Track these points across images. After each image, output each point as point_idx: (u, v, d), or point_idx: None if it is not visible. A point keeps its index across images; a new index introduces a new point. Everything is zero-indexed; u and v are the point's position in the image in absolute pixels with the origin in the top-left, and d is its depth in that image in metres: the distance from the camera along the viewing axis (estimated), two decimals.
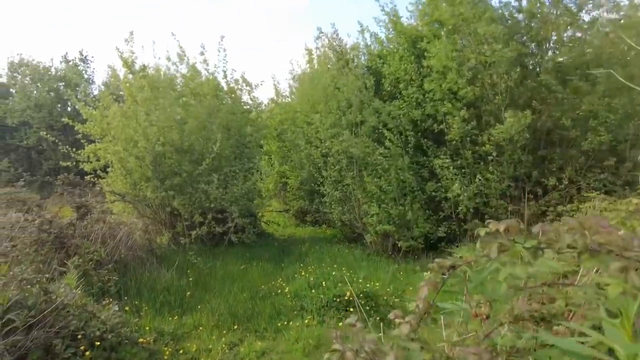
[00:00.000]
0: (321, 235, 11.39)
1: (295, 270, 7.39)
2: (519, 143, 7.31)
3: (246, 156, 9.62)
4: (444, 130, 8.21)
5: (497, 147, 7.63)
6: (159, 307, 5.41)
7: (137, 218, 8.17)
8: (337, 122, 8.30)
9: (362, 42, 10.62)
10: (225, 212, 8.76)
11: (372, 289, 5.82)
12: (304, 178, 10.51)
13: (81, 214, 6.83)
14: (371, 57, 10.23)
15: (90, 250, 5.84)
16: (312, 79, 10.03)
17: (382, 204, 7.95)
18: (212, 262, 7.65)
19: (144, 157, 8.09)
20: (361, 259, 8.37)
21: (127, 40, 8.88)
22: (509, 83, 7.24)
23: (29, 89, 25.09)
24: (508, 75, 7.22)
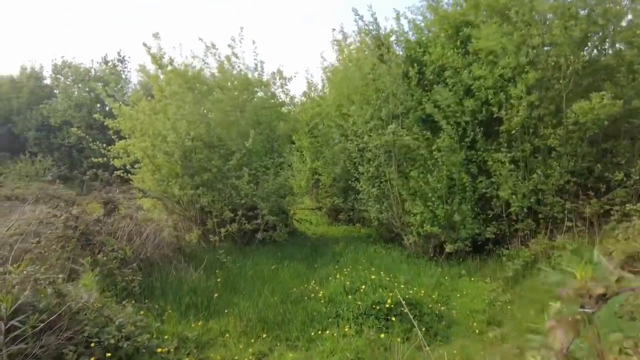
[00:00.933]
0: (355, 235, 10.83)
1: (329, 272, 6.88)
2: (589, 132, 6.46)
3: (277, 151, 9.20)
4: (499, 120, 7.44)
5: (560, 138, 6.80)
6: (184, 310, 5.05)
7: (166, 215, 7.92)
8: (376, 113, 7.69)
9: (399, 29, 9.95)
10: (257, 209, 8.39)
11: (415, 295, 5.23)
12: (337, 174, 9.98)
13: (108, 210, 6.62)
14: (408, 45, 9.54)
15: (115, 248, 5.57)
16: (347, 69, 9.46)
17: (429, 203, 7.28)
18: (242, 261, 7.27)
19: (173, 152, 7.82)
20: (400, 261, 7.75)
21: (155, 36, 8.68)
22: (575, 66, 6.39)
23: (71, 90, 25.95)
24: (575, 57, 6.37)
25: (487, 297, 5.89)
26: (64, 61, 27.93)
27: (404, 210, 8.01)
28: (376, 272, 6.46)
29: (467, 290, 6.17)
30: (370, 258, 7.90)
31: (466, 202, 7.33)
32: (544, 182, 7.14)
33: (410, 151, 7.57)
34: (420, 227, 7.41)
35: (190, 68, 8.95)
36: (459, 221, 7.20)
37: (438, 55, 8.30)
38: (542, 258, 6.75)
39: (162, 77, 8.89)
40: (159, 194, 8.19)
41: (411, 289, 5.66)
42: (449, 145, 7.18)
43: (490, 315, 5.36)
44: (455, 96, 7.73)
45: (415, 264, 7.63)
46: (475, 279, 6.75)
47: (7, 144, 25.73)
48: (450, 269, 7.30)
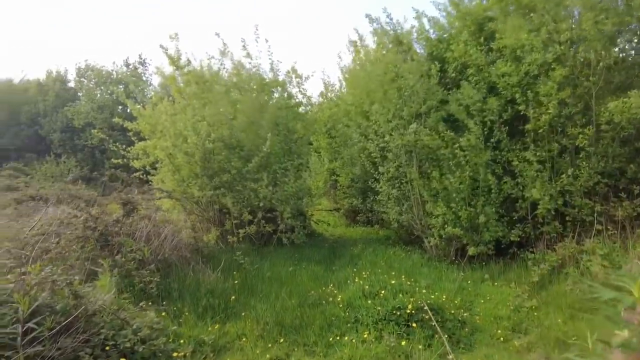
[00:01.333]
0: (374, 237, 10.66)
1: (348, 275, 6.75)
2: (623, 132, 6.16)
3: (296, 152, 9.12)
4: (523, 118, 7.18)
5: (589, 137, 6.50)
6: (201, 312, 5.00)
7: (184, 216, 7.94)
8: (398, 112, 7.52)
9: (420, 27, 9.75)
10: (275, 211, 8.33)
11: (437, 300, 5.05)
12: (356, 175, 9.84)
13: (127, 210, 6.66)
14: (429, 43, 9.33)
15: (133, 249, 5.57)
16: (365, 68, 9.31)
17: (452, 204, 7.07)
18: (259, 263, 7.21)
19: (194, 153, 7.83)
20: (420, 264, 7.56)
21: (172, 37, 8.73)
22: (606, 62, 6.09)
23: (93, 92, 26.55)
24: (606, 53, 6.08)
25: (512, 302, 5.65)
26: (87, 64, 28.60)
27: (425, 212, 7.81)
28: (396, 275, 6.31)
29: (491, 296, 5.95)
30: (389, 261, 7.74)
31: (491, 204, 7.09)
32: (572, 183, 6.85)
33: (432, 151, 7.37)
34: (441, 230, 7.19)
35: (207, 69, 8.97)
36: (483, 223, 6.96)
37: (461, 52, 8.07)
38: (570, 263, 6.46)
39: (179, 78, 8.93)
40: (179, 195, 8.22)
41: (433, 294, 5.48)
42: (475, 145, 6.94)
43: (515, 322, 5.14)
44: (479, 94, 7.49)
45: (436, 268, 7.42)
46: (498, 283, 6.51)
47: (34, 146, 26.51)
48: (472, 273, 7.07)
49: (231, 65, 9.18)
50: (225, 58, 9.11)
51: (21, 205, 9.07)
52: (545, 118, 6.80)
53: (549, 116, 6.73)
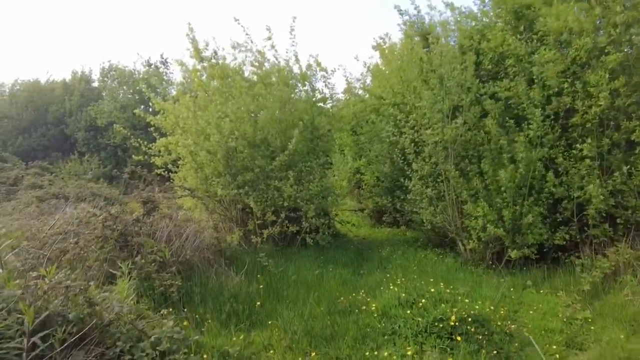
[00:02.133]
0: (400, 238, 10.19)
1: (378, 280, 6.33)
2: None
3: (321, 150, 8.73)
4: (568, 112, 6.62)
5: None
6: (224, 319, 4.66)
7: (206, 215, 7.65)
8: (436, 106, 7.01)
9: (454, 18, 9.23)
10: (299, 211, 7.97)
11: (481, 311, 4.57)
12: (385, 173, 9.36)
13: (147, 209, 6.39)
14: (462, 34, 8.80)
15: (154, 250, 5.29)
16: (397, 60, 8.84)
17: (497, 200, 6.54)
18: (284, 265, 6.86)
19: (216, 151, 7.52)
20: (455, 269, 7.07)
21: (192, 29, 8.45)
22: None
23: (116, 92, 26.84)
24: None
25: (562, 313, 5.13)
26: (110, 64, 28.95)
27: (461, 213, 7.30)
28: (433, 282, 5.85)
29: (537, 305, 5.42)
30: (421, 265, 7.28)
31: (539, 204, 6.54)
32: (625, 182, 6.24)
33: (473, 147, 6.88)
34: (481, 232, 6.67)
35: (231, 62, 8.66)
36: (527, 224, 6.42)
37: (498, 42, 7.52)
38: (626, 270, 5.87)
39: (203, 72, 8.64)
40: (201, 193, 7.94)
41: (474, 303, 5.00)
42: (532, 139, 6.41)
43: (568, 336, 4.62)
44: (519, 86, 6.95)
45: (472, 273, 6.92)
46: (543, 291, 5.97)
47: (60, 145, 26.98)
48: (512, 279, 6.54)
49: (253, 58, 8.82)
50: (248, 51, 8.76)
51: (44, 203, 8.97)
52: (594, 110, 6.22)
53: (599, 108, 6.14)
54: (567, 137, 6.93)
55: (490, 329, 4.40)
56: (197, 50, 8.38)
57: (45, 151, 26.78)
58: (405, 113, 7.91)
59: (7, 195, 12.73)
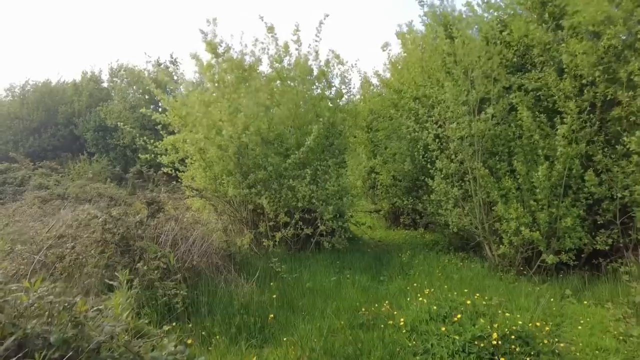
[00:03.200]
0: (419, 241, 9.63)
1: (401, 288, 5.81)
2: None
3: (337, 147, 8.21)
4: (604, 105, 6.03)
5: None
6: (234, 334, 4.18)
7: (215, 216, 7.19)
8: (461, 98, 6.44)
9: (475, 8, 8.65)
10: (314, 212, 7.47)
11: (524, 326, 4.02)
12: (404, 171, 8.80)
13: (152, 211, 5.95)
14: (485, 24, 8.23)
15: (157, 256, 4.83)
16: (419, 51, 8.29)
17: (531, 201, 5.96)
18: (297, 271, 6.38)
19: (228, 147, 7.04)
20: (483, 276, 6.50)
21: (210, 22, 7.98)
22: None
23: (126, 92, 26.67)
24: None
25: (614, 329, 4.56)
26: (119, 64, 28.80)
27: (490, 215, 6.73)
28: (460, 290, 5.32)
29: (583, 318, 4.84)
30: (445, 271, 6.73)
31: (577, 205, 5.95)
32: None
33: (502, 142, 6.31)
34: (513, 236, 6.09)
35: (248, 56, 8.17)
36: (565, 227, 5.84)
37: (521, 32, 6.93)
38: None
39: (217, 67, 8.17)
40: (210, 193, 7.48)
41: (513, 315, 4.44)
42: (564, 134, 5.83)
43: (626, 357, 4.05)
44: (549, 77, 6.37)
45: (502, 280, 6.36)
46: (587, 302, 5.38)
47: (70, 145, 26.90)
48: (549, 287, 5.95)
49: (274, 51, 8.28)
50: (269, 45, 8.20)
51: (47, 205, 8.60)
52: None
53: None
54: (606, 132, 6.34)
55: (536, 348, 3.85)
56: (211, 44, 7.90)
57: (55, 151, 26.72)
58: (428, 107, 7.36)
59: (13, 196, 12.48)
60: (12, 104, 27.75)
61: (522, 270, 6.59)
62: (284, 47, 7.89)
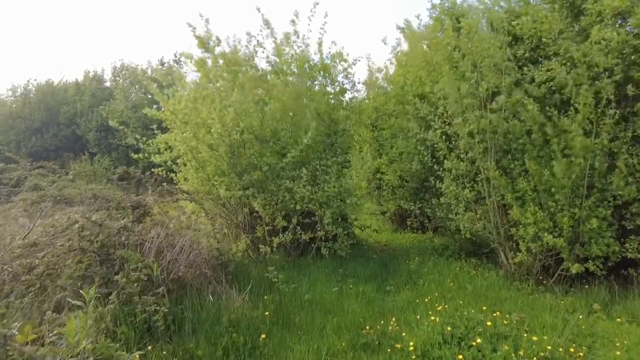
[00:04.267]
0: (427, 245, 9.08)
1: (410, 300, 5.29)
2: None
3: (339, 146, 7.69)
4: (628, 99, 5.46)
5: None
6: (220, 357, 3.69)
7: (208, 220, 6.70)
8: (470, 89, 5.89)
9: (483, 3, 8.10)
10: (313, 216, 6.97)
11: (553, 352, 3.48)
12: (411, 172, 8.26)
13: (137, 215, 5.49)
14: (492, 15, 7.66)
15: (138, 267, 4.35)
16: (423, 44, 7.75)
17: (550, 203, 5.39)
18: (296, 280, 5.88)
19: (218, 145, 6.58)
20: (499, 286, 5.95)
21: (201, 16, 7.52)
22: None
23: (128, 91, 26.35)
24: None
25: None
26: (122, 64, 28.52)
27: (504, 219, 6.18)
28: (477, 304, 4.78)
29: (618, 339, 4.28)
30: (457, 280, 6.19)
31: (604, 205, 5.38)
32: None
33: (514, 139, 5.75)
34: (532, 242, 5.53)
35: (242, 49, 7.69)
36: (590, 231, 5.27)
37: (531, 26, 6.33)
38: None
39: (209, 62, 7.71)
40: (203, 195, 7.01)
41: (537, 335, 3.90)
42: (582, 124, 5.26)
43: None
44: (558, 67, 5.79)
45: (520, 291, 5.80)
46: (620, 318, 4.81)
47: (72, 145, 26.66)
48: (573, 300, 5.38)
49: (272, 45, 7.76)
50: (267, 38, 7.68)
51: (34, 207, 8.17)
52: None
53: None
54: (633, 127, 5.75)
55: None
56: (201, 38, 7.43)
57: (57, 151, 26.52)
58: (432, 103, 6.79)
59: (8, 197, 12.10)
60: (14, 103, 27.55)
61: (541, 280, 6.03)
62: (285, 37, 7.37)
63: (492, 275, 6.39)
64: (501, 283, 6.06)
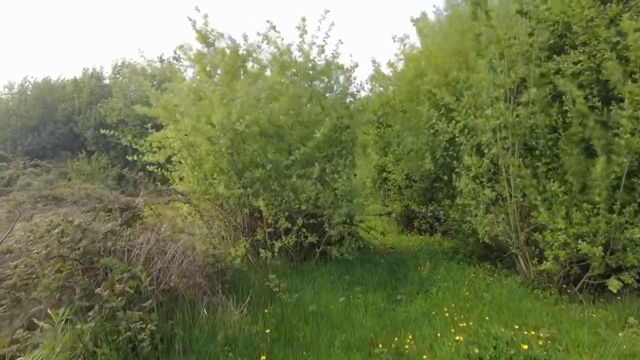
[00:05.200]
0: (436, 248, 8.62)
1: (424, 311, 4.83)
2: None
3: (345, 145, 7.22)
4: None
5: None
6: None
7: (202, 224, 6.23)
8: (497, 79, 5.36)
9: None
10: (320, 217, 6.50)
11: None
12: (422, 171, 7.76)
13: (126, 218, 5.03)
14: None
15: (124, 277, 3.89)
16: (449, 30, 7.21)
17: (584, 205, 4.89)
18: (299, 288, 5.44)
19: (219, 138, 6.08)
20: (518, 295, 5.48)
21: (198, 9, 7.06)
22: None
23: (127, 89, 25.89)
24: None
25: None
26: (123, 61, 28.08)
27: (526, 222, 5.70)
28: (500, 316, 4.32)
29: None
30: (473, 288, 5.73)
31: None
32: None
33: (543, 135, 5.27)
34: (560, 249, 5.03)
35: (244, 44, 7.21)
36: (627, 240, 4.79)
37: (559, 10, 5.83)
38: None
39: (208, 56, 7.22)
40: (199, 196, 6.54)
41: (571, 356, 3.44)
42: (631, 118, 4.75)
43: None
44: None
45: (542, 301, 5.32)
46: None
47: (70, 143, 26.20)
48: (602, 312, 4.91)
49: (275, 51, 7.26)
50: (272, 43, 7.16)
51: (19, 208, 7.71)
52: None
53: None
54: None
55: None
56: (202, 32, 6.95)
57: (54, 150, 26.05)
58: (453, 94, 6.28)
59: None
60: (11, 101, 27.11)
61: (565, 289, 5.56)
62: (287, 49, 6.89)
63: (510, 282, 5.92)
64: (521, 291, 5.59)
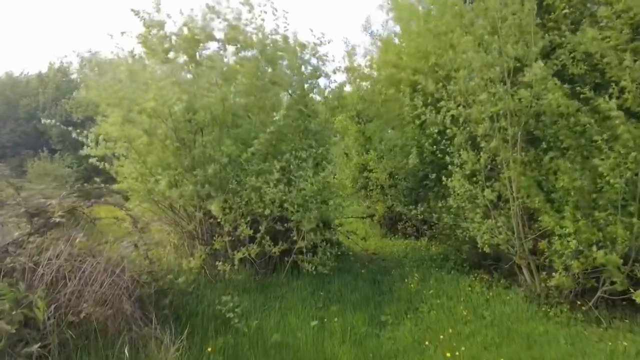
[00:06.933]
0: (423, 254, 7.72)
1: (414, 339, 3.92)
2: None
3: (314, 136, 6.24)
4: None
5: None
6: None
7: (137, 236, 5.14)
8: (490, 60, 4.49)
9: None
10: (288, 222, 5.51)
11: None
12: (407, 168, 6.85)
13: (37, 226, 3.94)
14: None
15: (8, 307, 2.83)
16: None
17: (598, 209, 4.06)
18: (262, 310, 4.45)
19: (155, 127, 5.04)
20: (524, 314, 4.61)
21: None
22: None
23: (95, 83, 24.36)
24: None
25: None
26: (91, 54, 26.49)
27: (529, 227, 4.84)
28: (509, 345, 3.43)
29: None
30: (472, 305, 4.85)
31: None
32: None
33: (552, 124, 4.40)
34: (572, 259, 4.18)
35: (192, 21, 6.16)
36: None
37: None
38: None
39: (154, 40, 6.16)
40: (143, 195, 5.47)
41: None
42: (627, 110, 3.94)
43: None
44: None
45: (552, 320, 4.47)
46: None
47: (32, 141, 24.58)
48: (630, 336, 4.08)
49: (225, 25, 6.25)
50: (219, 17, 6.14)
51: None
52: None
53: None
54: None
55: None
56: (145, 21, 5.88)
57: (15, 149, 24.37)
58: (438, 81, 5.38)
59: None
60: None
61: (579, 305, 4.71)
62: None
63: (512, 297, 5.05)
64: (527, 309, 4.72)
